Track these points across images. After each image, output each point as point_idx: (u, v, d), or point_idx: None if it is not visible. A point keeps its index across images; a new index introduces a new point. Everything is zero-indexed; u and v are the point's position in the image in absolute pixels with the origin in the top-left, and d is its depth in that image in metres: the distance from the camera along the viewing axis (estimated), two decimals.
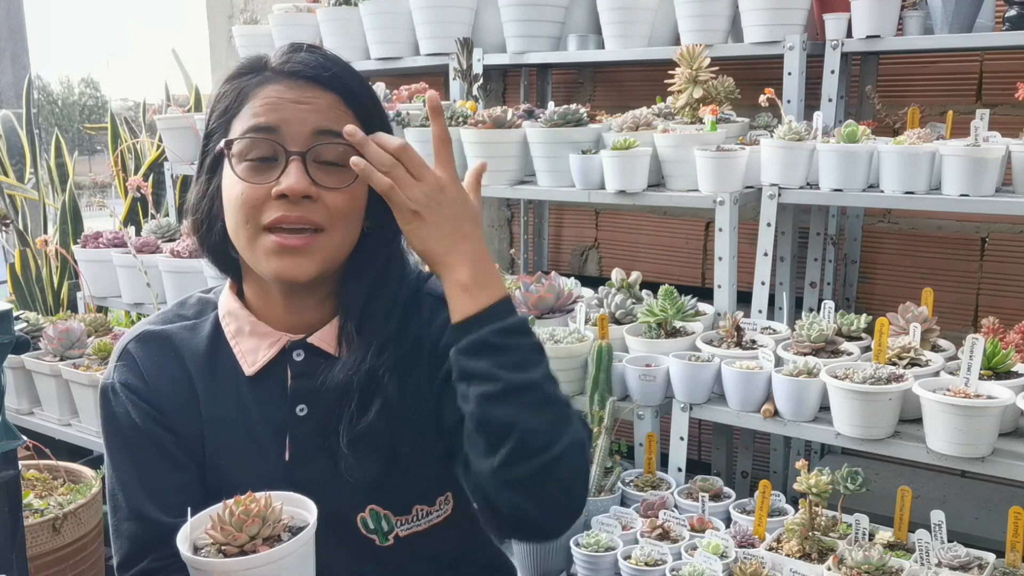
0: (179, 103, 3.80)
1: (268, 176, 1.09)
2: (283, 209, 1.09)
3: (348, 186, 1.11)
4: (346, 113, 1.13)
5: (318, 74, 1.13)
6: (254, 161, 1.10)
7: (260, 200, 1.09)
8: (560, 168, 2.42)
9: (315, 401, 1.17)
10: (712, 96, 2.37)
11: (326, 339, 1.19)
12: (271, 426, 1.18)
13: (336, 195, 1.11)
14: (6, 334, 1.90)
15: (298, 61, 1.13)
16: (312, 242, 1.10)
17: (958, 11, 2.23)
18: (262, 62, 1.16)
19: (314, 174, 1.09)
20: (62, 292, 3.72)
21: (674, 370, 2.05)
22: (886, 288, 2.77)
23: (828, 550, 1.78)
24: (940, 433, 1.74)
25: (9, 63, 5.25)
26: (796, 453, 2.64)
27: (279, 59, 1.14)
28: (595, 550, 1.88)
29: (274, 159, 1.10)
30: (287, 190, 1.07)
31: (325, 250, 1.12)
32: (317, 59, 1.14)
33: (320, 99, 1.12)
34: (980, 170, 1.96)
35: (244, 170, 1.10)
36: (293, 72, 1.12)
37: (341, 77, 1.14)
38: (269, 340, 1.19)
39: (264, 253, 1.11)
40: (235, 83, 1.15)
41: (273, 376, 1.19)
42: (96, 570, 2.61)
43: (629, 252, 3.28)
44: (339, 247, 1.14)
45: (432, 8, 2.92)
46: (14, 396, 2.97)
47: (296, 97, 1.11)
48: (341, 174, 1.10)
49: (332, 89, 1.13)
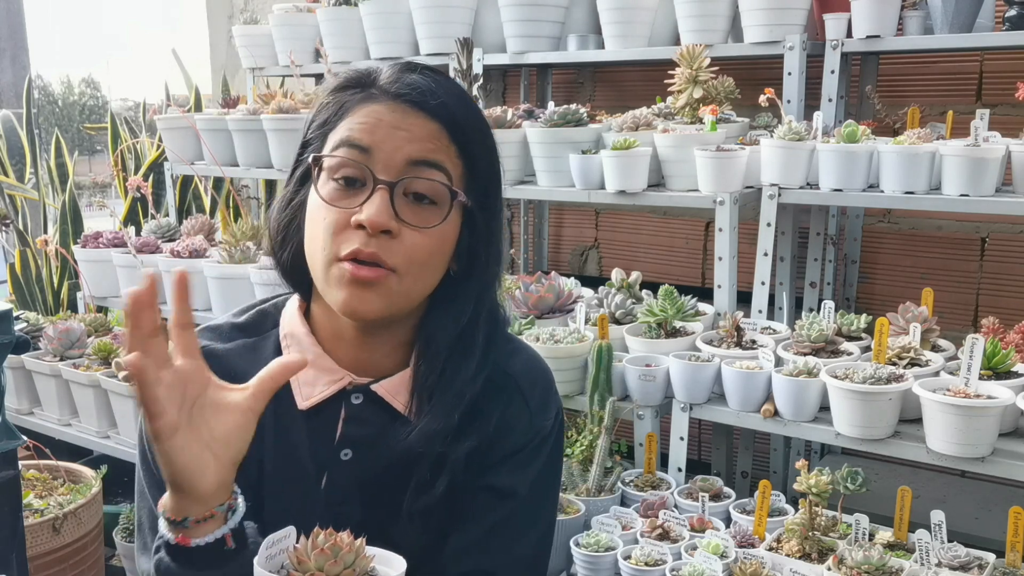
0: (179, 103, 3.79)
1: (353, 200, 1.03)
2: (359, 242, 1.01)
3: (433, 227, 1.04)
4: (449, 146, 1.06)
5: (424, 100, 1.05)
6: (341, 181, 1.04)
7: (340, 226, 1.03)
8: (560, 168, 2.42)
9: (363, 449, 1.12)
10: (712, 96, 2.37)
11: (392, 391, 1.13)
12: (315, 461, 1.13)
13: (418, 235, 1.03)
14: (6, 334, 1.90)
15: (407, 83, 1.06)
16: (384, 278, 1.03)
17: (958, 11, 2.23)
18: (370, 77, 1.08)
19: (400, 208, 1.02)
20: (62, 292, 3.72)
21: (674, 370, 2.05)
22: (886, 288, 2.77)
23: (828, 550, 1.78)
24: (940, 433, 1.74)
25: (9, 63, 5.25)
26: (796, 453, 2.64)
27: (388, 77, 1.07)
28: (595, 550, 1.88)
29: (363, 183, 1.03)
30: (366, 222, 1.01)
31: (395, 293, 1.04)
32: (427, 83, 1.06)
33: (421, 127, 1.04)
34: (980, 170, 1.96)
35: (331, 190, 1.04)
36: (399, 94, 1.05)
37: (449, 106, 1.06)
38: (330, 377, 1.13)
39: (336, 282, 1.04)
40: (338, 96, 1.09)
41: (325, 412, 1.13)
42: (96, 570, 2.62)
43: (629, 252, 3.28)
44: (408, 294, 1.06)
45: (432, 8, 2.92)
46: (14, 396, 2.97)
47: (395, 121, 1.04)
48: (428, 213, 1.04)
49: (437, 118, 1.05)
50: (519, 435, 1.15)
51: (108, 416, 2.78)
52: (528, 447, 1.16)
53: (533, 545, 1.18)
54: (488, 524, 1.13)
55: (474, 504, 1.14)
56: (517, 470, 1.15)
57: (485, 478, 1.14)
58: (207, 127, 3.15)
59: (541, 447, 1.17)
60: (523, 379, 1.17)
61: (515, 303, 2.39)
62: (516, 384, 1.16)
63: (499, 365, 1.16)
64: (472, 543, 1.13)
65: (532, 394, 1.17)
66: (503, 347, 1.18)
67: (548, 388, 1.21)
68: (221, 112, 3.23)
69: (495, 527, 1.14)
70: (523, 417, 1.15)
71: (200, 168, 3.25)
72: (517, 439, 1.15)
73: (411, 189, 1.04)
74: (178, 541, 0.95)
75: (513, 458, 1.15)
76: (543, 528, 1.20)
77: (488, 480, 1.14)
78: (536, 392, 1.18)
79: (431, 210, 1.04)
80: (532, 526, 1.17)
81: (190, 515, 0.94)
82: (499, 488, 1.14)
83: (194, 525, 0.94)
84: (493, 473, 1.14)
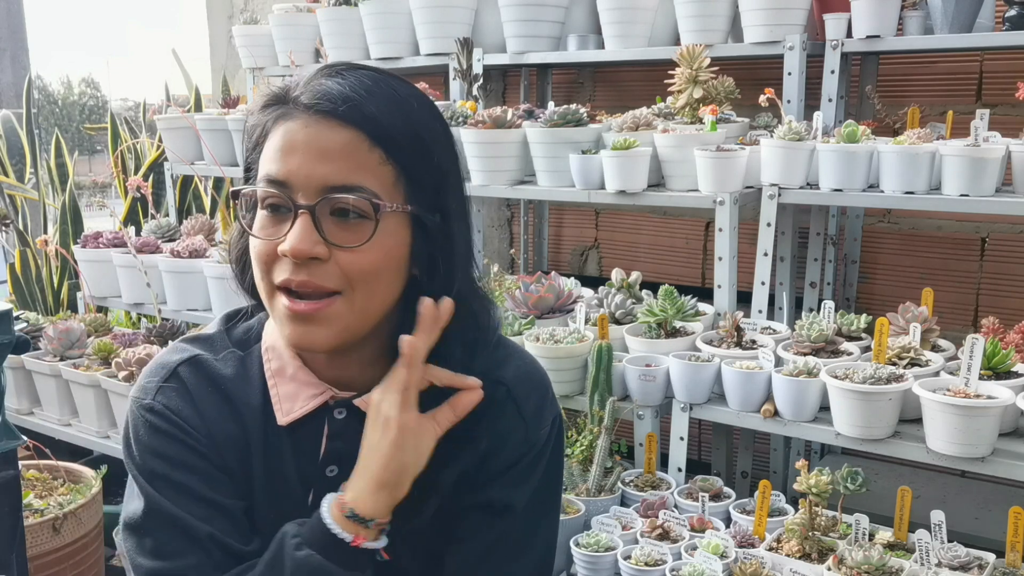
0: (179, 103, 3.80)
1: (280, 228, 0.97)
2: (288, 271, 0.96)
3: (364, 244, 0.96)
4: (370, 154, 0.96)
5: (334, 108, 0.95)
6: (268, 210, 0.98)
7: (272, 256, 0.97)
8: (560, 168, 2.42)
9: (349, 466, 1.04)
10: (712, 96, 2.37)
11: None
12: (300, 478, 1.08)
13: (351, 255, 0.96)
14: (6, 334, 1.90)
15: (318, 92, 0.97)
16: (325, 307, 0.96)
17: (958, 11, 2.23)
18: (285, 91, 1.00)
19: (327, 230, 0.95)
20: (62, 292, 3.73)
21: (674, 370, 2.05)
22: (886, 288, 2.77)
23: (828, 550, 1.78)
24: (940, 433, 1.74)
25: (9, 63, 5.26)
26: (796, 453, 2.64)
27: (301, 88, 0.98)
28: (595, 550, 1.88)
29: (288, 209, 0.96)
30: (289, 251, 0.94)
31: (344, 317, 0.97)
32: (340, 88, 0.96)
33: (335, 139, 0.95)
34: (980, 170, 1.96)
35: (259, 220, 0.99)
36: (310, 105, 0.96)
37: (365, 109, 0.96)
38: (311, 391, 1.07)
39: (279, 318, 0.99)
40: (259, 116, 1.02)
41: (308, 428, 1.07)
42: (96, 570, 2.61)
43: (629, 252, 3.28)
44: (363, 312, 0.99)
45: (432, 8, 2.92)
46: (14, 396, 2.97)
47: (308, 138, 0.95)
48: (357, 228, 0.96)
49: (351, 124, 0.96)
50: (514, 448, 1.09)
51: (108, 416, 2.78)
52: (524, 460, 1.10)
53: (534, 561, 1.13)
54: (486, 543, 1.09)
55: (470, 523, 1.09)
56: (513, 485, 1.09)
57: (480, 494, 1.08)
58: (207, 127, 3.15)
59: (538, 459, 1.11)
60: (517, 387, 1.11)
61: (515, 303, 2.39)
62: (509, 393, 1.10)
63: (490, 373, 1.08)
64: (471, 564, 1.09)
65: (526, 403, 1.11)
66: (493, 353, 1.11)
67: (544, 396, 1.14)
68: (221, 112, 3.23)
69: (493, 546, 1.09)
70: (517, 429, 1.09)
71: (200, 168, 3.25)
72: (512, 452, 1.09)
73: (335, 207, 0.96)
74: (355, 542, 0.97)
75: (509, 472, 1.09)
76: (544, 545, 1.15)
77: (484, 496, 1.08)
78: (531, 401, 1.11)
79: (360, 225, 0.96)
80: (532, 543, 1.12)
81: (378, 517, 0.97)
82: (495, 504, 1.09)
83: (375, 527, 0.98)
84: (488, 489, 1.08)
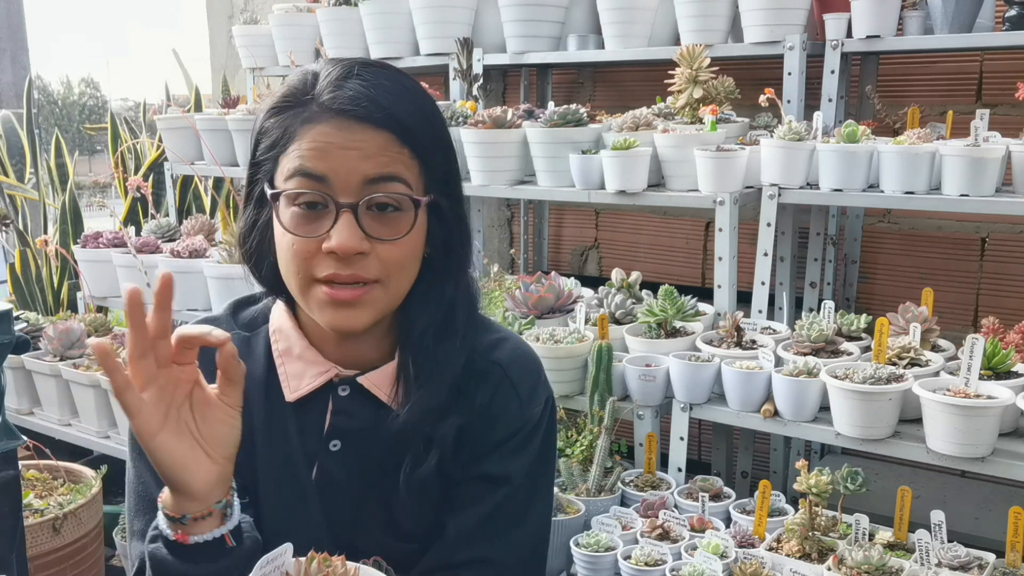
0: (179, 103, 3.80)
1: (319, 227, 1.03)
2: (334, 267, 1.02)
3: (404, 236, 1.05)
4: (401, 151, 1.04)
5: (369, 114, 1.02)
6: (303, 207, 1.03)
7: (311, 253, 1.03)
8: (560, 168, 2.42)
9: (351, 440, 1.15)
10: (712, 96, 2.37)
11: (378, 383, 1.15)
12: (304, 453, 1.15)
13: (390, 247, 1.04)
14: (6, 334, 1.90)
15: (348, 97, 1.03)
16: (366, 294, 1.05)
17: (958, 11, 2.23)
18: (308, 93, 1.05)
19: (367, 225, 1.03)
20: (62, 292, 3.73)
21: (674, 370, 2.05)
22: (886, 288, 2.77)
23: (828, 550, 1.78)
24: (940, 433, 1.74)
25: (9, 63, 5.26)
26: (796, 453, 2.64)
27: (327, 93, 1.04)
28: (595, 550, 1.88)
29: (324, 206, 1.03)
30: (337, 249, 1.01)
31: (381, 301, 1.07)
32: (367, 91, 1.03)
33: (371, 141, 1.03)
34: (980, 170, 1.96)
35: (293, 218, 1.04)
36: (343, 111, 1.03)
37: (394, 112, 1.04)
38: (317, 369, 1.15)
39: (317, 305, 1.06)
40: (280, 119, 1.06)
41: (313, 404, 1.15)
42: (96, 570, 2.62)
43: (629, 252, 3.28)
44: (395, 295, 1.09)
45: (432, 8, 2.92)
46: (14, 396, 2.97)
47: (344, 141, 1.02)
48: (396, 221, 1.04)
49: (385, 127, 1.03)
50: (509, 422, 1.16)
51: (108, 416, 2.78)
52: (519, 434, 1.17)
53: (531, 532, 1.19)
54: (484, 512, 1.15)
55: (469, 493, 1.15)
56: (510, 457, 1.16)
57: (478, 467, 1.15)
58: (207, 127, 3.15)
59: (533, 434, 1.18)
60: (511, 367, 1.18)
61: (515, 303, 2.39)
62: (504, 372, 1.18)
63: (485, 353, 1.18)
64: (469, 531, 1.14)
65: (521, 382, 1.18)
66: (487, 335, 1.20)
67: (537, 376, 1.22)
68: (221, 112, 3.23)
69: (491, 514, 1.15)
70: (513, 404, 1.16)
71: (200, 168, 3.25)
72: (508, 426, 1.16)
73: (374, 203, 1.03)
74: (176, 538, 0.96)
75: (505, 445, 1.16)
76: (540, 515, 1.22)
77: (481, 469, 1.15)
78: (525, 380, 1.19)
79: (397, 217, 1.05)
80: (528, 513, 1.18)
81: (188, 512, 0.96)
82: (493, 476, 1.15)
83: (192, 523, 0.96)
84: (486, 461, 1.15)
